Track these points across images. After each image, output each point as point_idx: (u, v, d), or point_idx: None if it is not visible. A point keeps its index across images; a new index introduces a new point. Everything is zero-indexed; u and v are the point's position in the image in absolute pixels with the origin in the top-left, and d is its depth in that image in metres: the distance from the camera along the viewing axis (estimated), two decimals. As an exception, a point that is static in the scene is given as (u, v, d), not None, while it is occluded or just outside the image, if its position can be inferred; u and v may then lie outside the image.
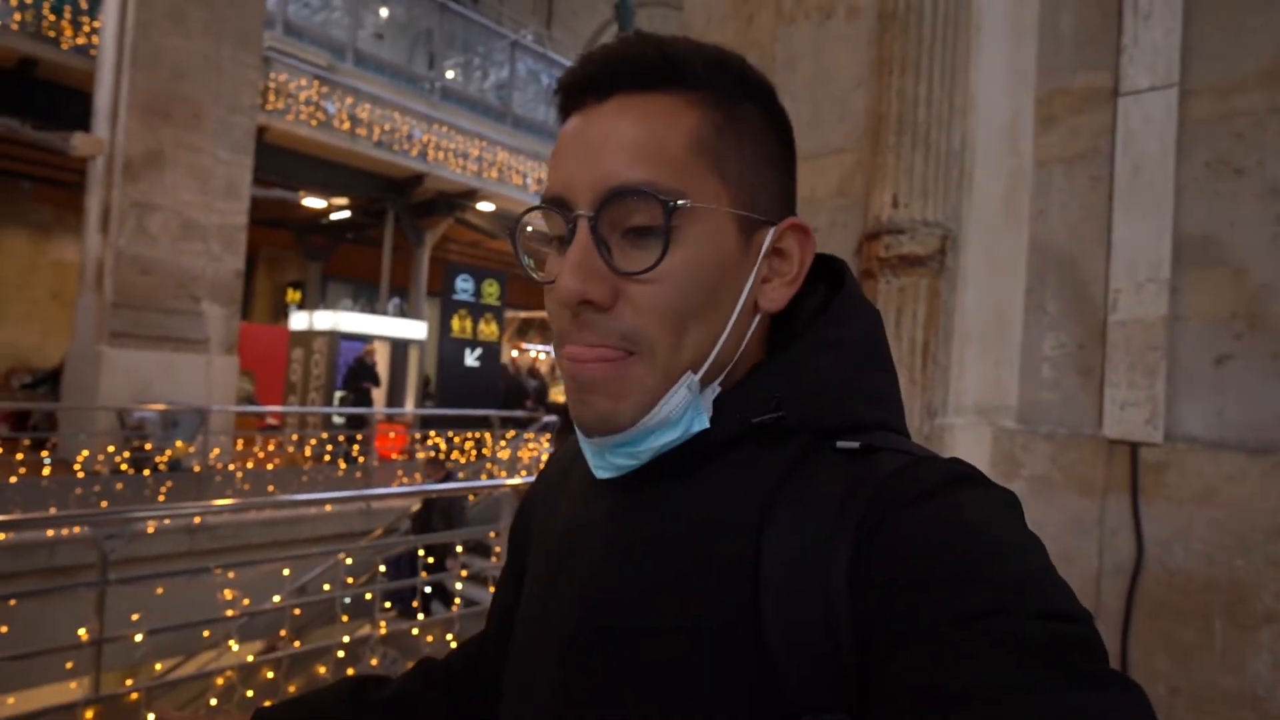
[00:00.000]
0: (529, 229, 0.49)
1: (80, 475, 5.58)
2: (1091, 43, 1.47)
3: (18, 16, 7.45)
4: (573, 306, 0.44)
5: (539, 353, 17.42)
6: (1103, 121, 1.44)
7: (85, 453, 5.77)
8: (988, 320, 1.59)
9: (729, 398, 0.47)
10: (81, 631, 2.27)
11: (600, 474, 0.48)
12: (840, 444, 0.44)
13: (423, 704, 0.63)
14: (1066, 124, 1.50)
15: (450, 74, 13.59)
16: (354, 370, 9.46)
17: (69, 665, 2.45)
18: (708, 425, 0.46)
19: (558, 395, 11.53)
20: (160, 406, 6.23)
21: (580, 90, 0.46)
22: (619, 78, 0.45)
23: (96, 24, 7.59)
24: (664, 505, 0.47)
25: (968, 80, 1.61)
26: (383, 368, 11.08)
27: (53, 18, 7.67)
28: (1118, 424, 1.40)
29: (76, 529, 4.20)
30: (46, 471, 5.51)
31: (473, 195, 12.07)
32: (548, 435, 8.92)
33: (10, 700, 2.14)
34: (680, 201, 0.43)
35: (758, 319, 0.49)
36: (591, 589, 0.47)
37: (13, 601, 2.01)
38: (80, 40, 7.73)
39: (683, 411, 0.45)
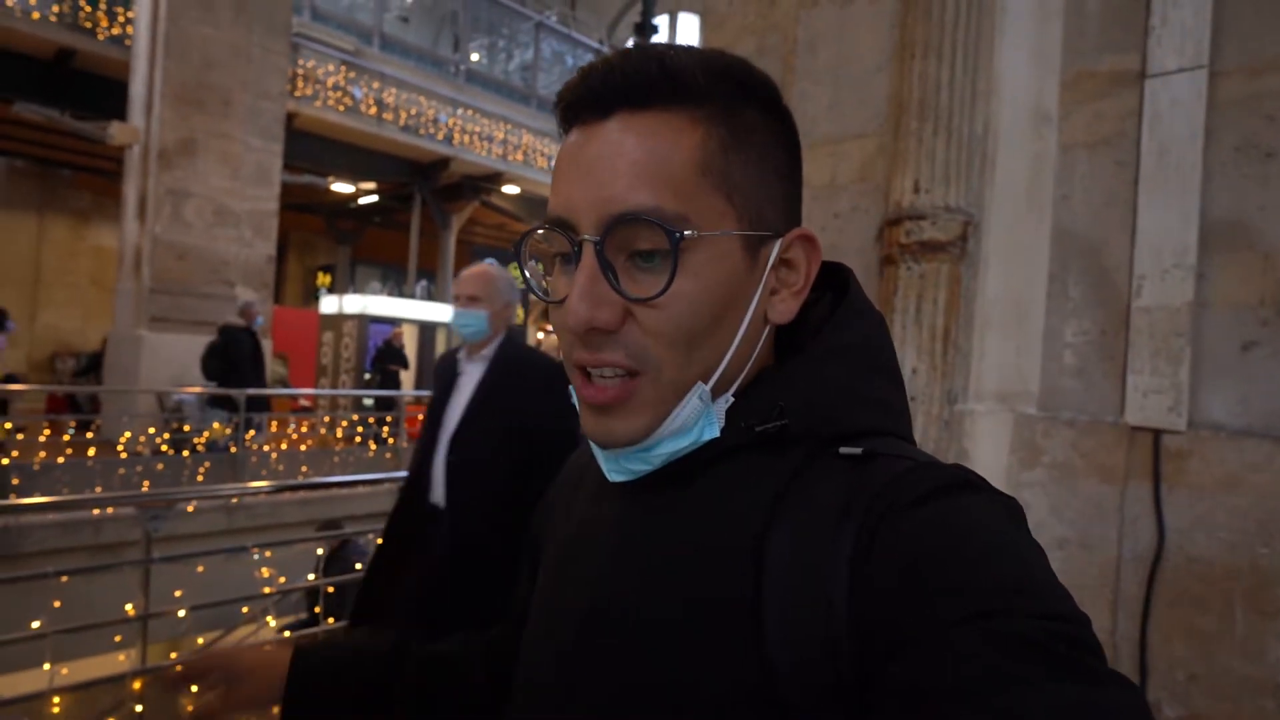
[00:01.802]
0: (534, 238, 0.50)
1: (124, 456, 5.78)
2: (1118, 24, 1.44)
3: (55, 8, 7.62)
4: (581, 332, 0.44)
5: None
6: (1129, 104, 1.42)
7: (128, 434, 5.96)
8: (1009, 306, 1.58)
9: (737, 406, 0.47)
10: (129, 607, 2.38)
11: (614, 477, 0.49)
12: (843, 450, 0.44)
13: (462, 666, 0.66)
14: (1092, 107, 1.47)
15: (475, 56, 13.59)
16: (381, 352, 9.61)
17: (117, 639, 2.58)
18: (719, 434, 0.46)
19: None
20: (198, 389, 6.40)
21: (581, 107, 0.46)
22: (620, 94, 0.44)
23: (131, 14, 7.72)
24: (671, 509, 0.48)
25: (991, 63, 1.59)
26: (410, 350, 11.22)
27: (89, 9, 7.82)
28: (1140, 411, 1.39)
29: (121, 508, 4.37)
30: (92, 452, 5.72)
31: (498, 178, 12.11)
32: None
33: (64, 670, 2.26)
34: (686, 232, 0.43)
35: (767, 329, 0.49)
36: (598, 586, 0.49)
37: (64, 578, 2.12)
38: (115, 31, 7.87)
39: (695, 420, 0.46)
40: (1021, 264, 1.55)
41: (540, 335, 16.54)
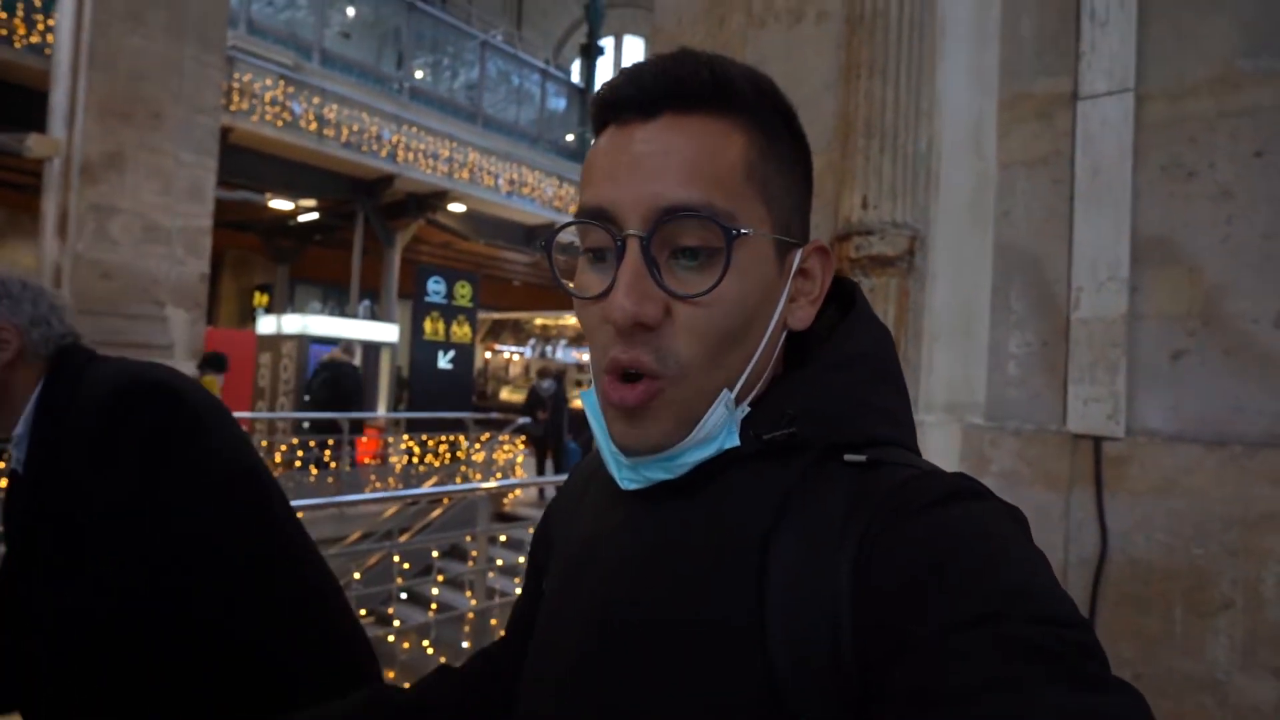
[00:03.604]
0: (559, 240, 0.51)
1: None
2: (1052, 48, 1.51)
3: (-33, 14, 7.23)
4: (626, 327, 0.44)
5: (511, 354, 17.33)
6: (1063, 125, 1.48)
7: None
8: (955, 319, 1.62)
9: (750, 416, 0.48)
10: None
11: (628, 486, 0.49)
12: (848, 458, 0.45)
13: (439, 708, 0.64)
14: (1029, 127, 1.53)
15: (419, 74, 13.45)
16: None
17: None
18: (738, 443, 0.47)
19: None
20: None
21: (625, 106, 0.46)
22: (669, 95, 0.45)
23: (51, 22, 7.38)
24: (679, 516, 0.48)
25: (934, 83, 1.65)
26: (354, 371, 10.90)
27: (4, 15, 7.44)
28: (1081, 419, 1.44)
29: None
30: (3, 484, 5.35)
31: (444, 196, 11.96)
32: (523, 438, 8.86)
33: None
34: (743, 230, 0.44)
35: (784, 337, 0.50)
36: (607, 592, 0.49)
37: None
38: (34, 39, 7.51)
39: (720, 429, 0.46)
40: (966, 278, 1.60)
41: (488, 355, 16.32)
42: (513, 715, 0.55)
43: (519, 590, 0.63)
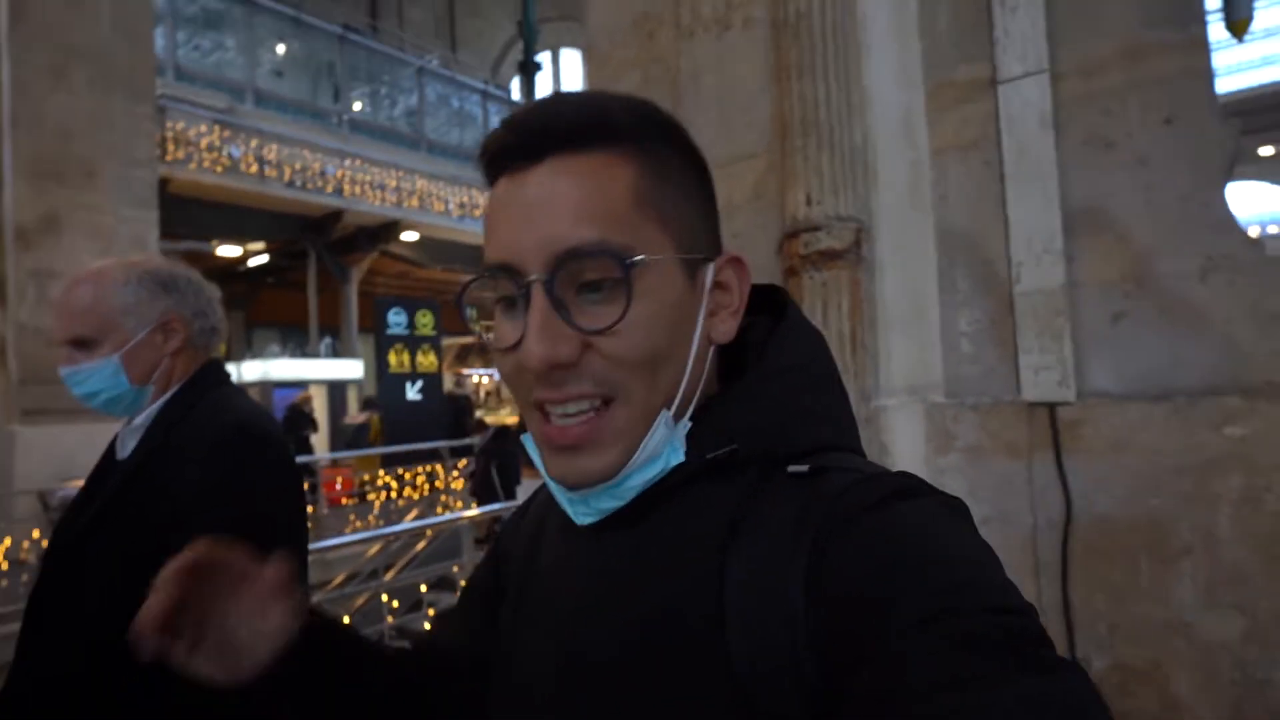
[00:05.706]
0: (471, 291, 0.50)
1: (4, 567, 5.23)
2: (969, 37, 1.57)
3: (-122, 87, 6.96)
4: (543, 371, 0.44)
5: (481, 377, 17.20)
6: (987, 109, 1.55)
7: (8, 541, 5.41)
8: (907, 304, 1.67)
9: (693, 432, 0.48)
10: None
11: (582, 520, 0.49)
12: (791, 468, 0.45)
13: (425, 663, 0.62)
14: (955, 114, 1.59)
15: (357, 105, 13.32)
16: (289, 419, 9.16)
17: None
18: (684, 459, 0.47)
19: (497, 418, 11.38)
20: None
21: (509, 155, 0.47)
22: (551, 139, 0.46)
23: (-31, 87, 7.15)
24: (631, 546, 0.48)
25: (861, 80, 1.70)
26: (321, 412, 10.74)
27: (-82, 85, 7.19)
28: (1034, 388, 1.50)
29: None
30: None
31: (395, 226, 11.87)
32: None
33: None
34: (637, 258, 0.44)
35: (712, 351, 0.51)
36: (567, 630, 0.49)
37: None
38: (-48, 106, 7.27)
39: (663, 447, 0.47)
40: (913, 263, 1.65)
41: (485, 380, 16.14)
42: None
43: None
